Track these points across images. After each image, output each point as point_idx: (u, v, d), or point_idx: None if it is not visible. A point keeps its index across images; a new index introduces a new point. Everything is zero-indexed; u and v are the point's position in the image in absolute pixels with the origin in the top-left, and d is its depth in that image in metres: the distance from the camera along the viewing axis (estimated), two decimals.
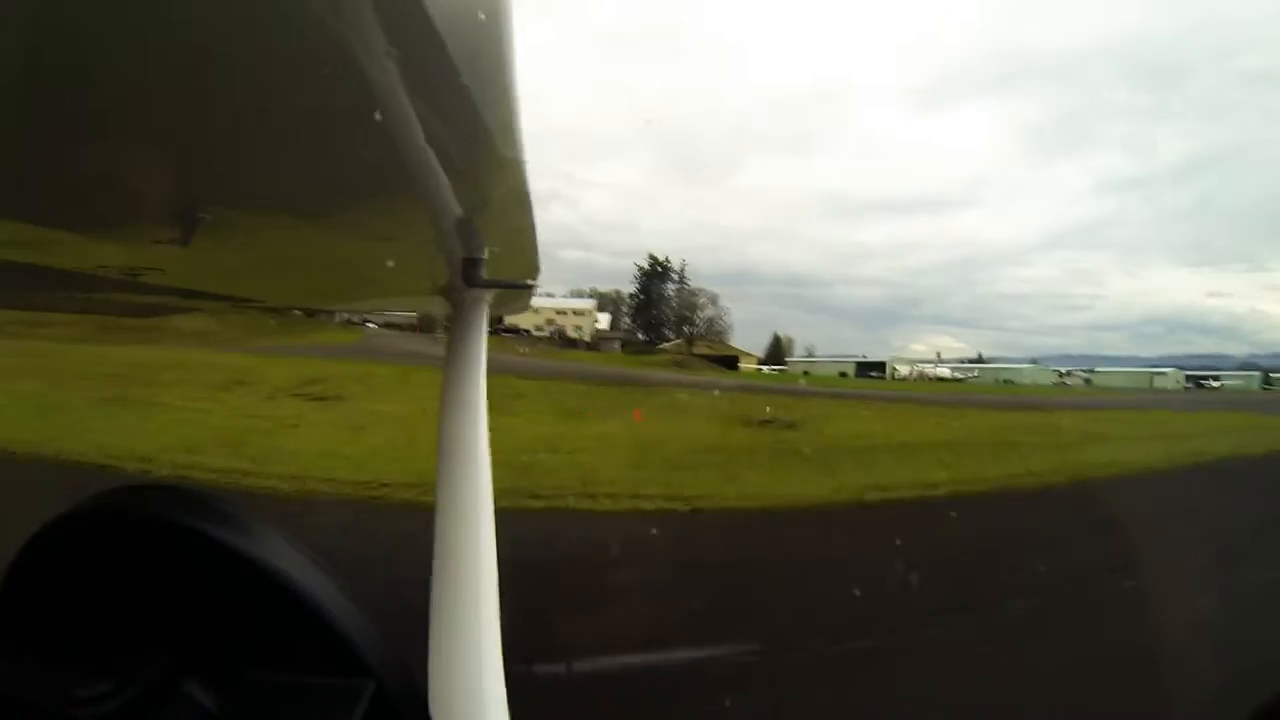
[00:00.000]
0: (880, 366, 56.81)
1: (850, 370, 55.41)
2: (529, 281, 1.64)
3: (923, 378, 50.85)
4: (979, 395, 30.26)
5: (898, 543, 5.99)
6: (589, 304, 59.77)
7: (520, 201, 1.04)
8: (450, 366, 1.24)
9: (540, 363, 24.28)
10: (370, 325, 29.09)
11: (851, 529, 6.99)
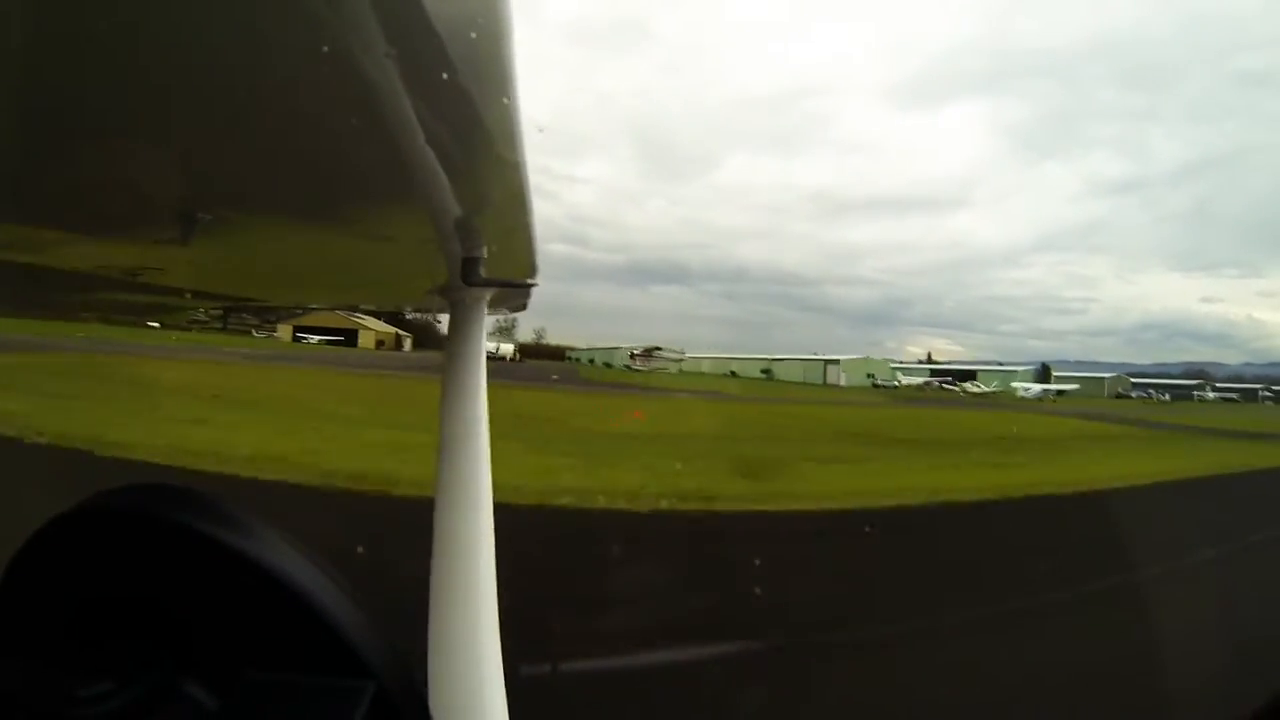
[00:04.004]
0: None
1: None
2: (528, 280, 1.64)
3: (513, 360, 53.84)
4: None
5: None
6: None
7: (519, 200, 1.04)
8: (450, 365, 1.24)
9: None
10: None
11: None
